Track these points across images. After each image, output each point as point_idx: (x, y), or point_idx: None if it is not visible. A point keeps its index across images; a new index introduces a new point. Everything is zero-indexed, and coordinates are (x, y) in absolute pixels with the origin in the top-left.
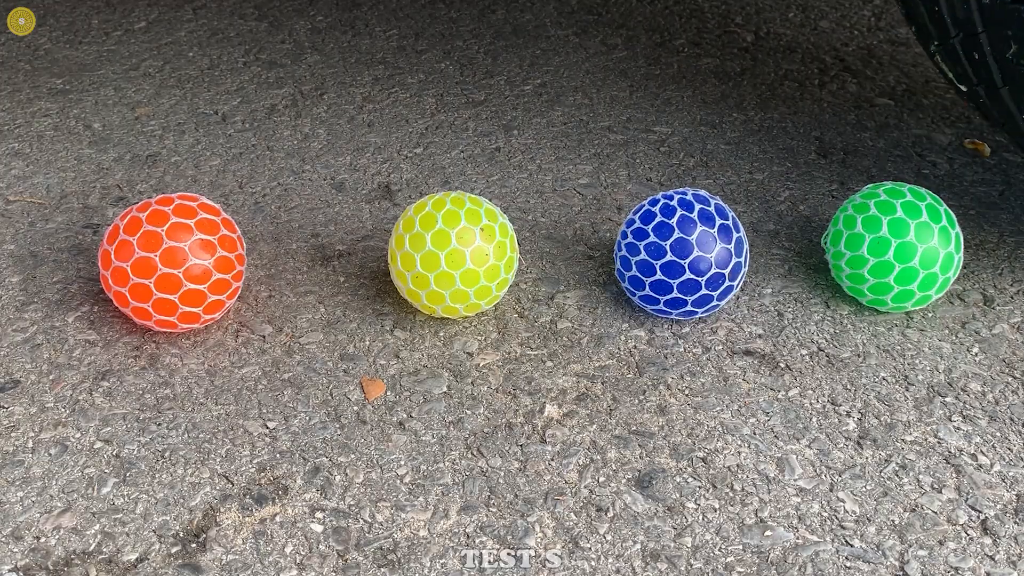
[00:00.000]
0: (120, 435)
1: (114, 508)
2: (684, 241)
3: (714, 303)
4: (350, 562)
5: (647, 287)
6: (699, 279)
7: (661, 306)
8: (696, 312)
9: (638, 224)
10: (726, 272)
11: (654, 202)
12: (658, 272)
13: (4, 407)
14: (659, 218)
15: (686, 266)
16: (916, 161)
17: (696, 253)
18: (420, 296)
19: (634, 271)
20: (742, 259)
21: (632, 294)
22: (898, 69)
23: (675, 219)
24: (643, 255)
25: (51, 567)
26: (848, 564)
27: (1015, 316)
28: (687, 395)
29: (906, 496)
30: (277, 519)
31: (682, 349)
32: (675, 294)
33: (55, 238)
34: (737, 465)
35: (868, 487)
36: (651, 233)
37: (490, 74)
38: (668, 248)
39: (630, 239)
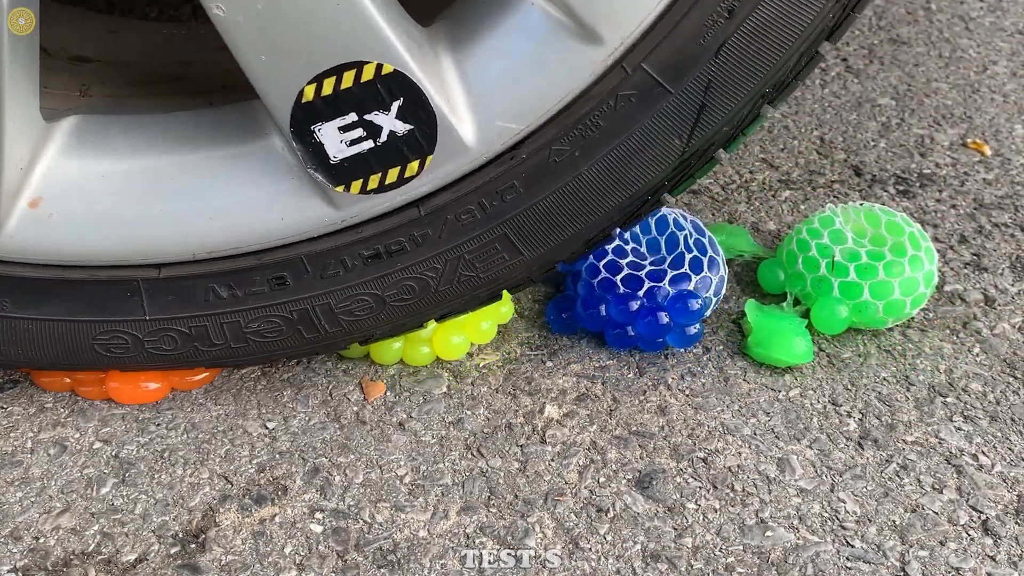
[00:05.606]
0: (119, 435)
1: (113, 508)
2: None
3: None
4: (350, 562)
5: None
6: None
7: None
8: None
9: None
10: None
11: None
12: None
13: (3, 407)
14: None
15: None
16: (918, 161)
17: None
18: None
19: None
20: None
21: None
22: (899, 68)
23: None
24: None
25: (50, 567)
26: (849, 564)
27: (1016, 316)
28: (687, 395)
29: (907, 496)
30: (276, 519)
31: (682, 349)
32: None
33: None
34: (738, 465)
35: (869, 487)
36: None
37: None
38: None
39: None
